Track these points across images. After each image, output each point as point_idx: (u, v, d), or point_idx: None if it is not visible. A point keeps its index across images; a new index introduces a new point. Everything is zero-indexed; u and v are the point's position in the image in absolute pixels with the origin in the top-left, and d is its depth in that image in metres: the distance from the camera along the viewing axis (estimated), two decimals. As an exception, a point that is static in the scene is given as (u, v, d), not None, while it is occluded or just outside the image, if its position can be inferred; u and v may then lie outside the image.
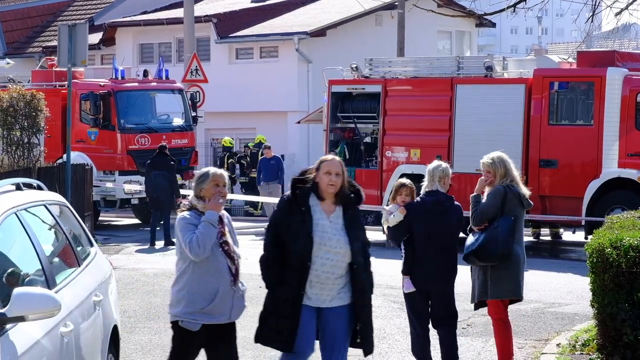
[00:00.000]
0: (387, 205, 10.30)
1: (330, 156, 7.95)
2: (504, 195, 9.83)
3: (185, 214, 7.85)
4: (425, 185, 10.02)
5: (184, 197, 25.55)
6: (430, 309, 9.93)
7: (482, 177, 10.02)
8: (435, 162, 10.05)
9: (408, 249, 9.88)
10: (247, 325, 12.74)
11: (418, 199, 10.00)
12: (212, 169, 7.98)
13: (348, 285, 7.77)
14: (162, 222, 22.36)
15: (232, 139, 31.64)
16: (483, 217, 9.90)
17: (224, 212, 7.97)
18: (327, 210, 7.82)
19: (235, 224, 7.97)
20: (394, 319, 13.03)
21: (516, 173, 10.07)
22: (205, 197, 7.81)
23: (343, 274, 7.75)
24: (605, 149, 19.82)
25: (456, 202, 9.97)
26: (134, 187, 25.14)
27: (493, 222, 9.83)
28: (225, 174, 7.98)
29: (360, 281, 7.77)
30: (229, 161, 30.18)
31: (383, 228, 11.22)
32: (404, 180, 10.32)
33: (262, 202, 27.86)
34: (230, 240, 7.88)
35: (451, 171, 10.09)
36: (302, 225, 7.71)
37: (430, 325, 10.02)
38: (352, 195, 7.90)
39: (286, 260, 7.75)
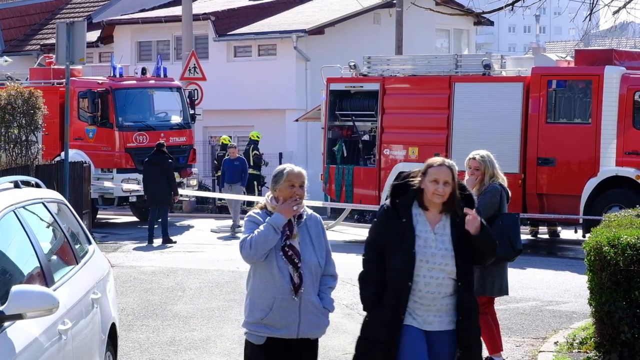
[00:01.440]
0: None
1: (438, 159, 6.90)
2: (501, 194, 9.98)
3: (254, 211, 7.09)
4: None
5: (182, 195, 25.77)
6: None
7: (471, 176, 10.07)
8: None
9: None
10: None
11: None
12: (289, 167, 7.07)
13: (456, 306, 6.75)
14: (160, 220, 22.37)
15: (230, 136, 31.64)
16: (482, 216, 9.96)
17: (312, 214, 7.14)
18: (431, 220, 6.78)
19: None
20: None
21: (501, 172, 10.22)
22: (280, 198, 6.98)
23: (452, 293, 6.71)
24: (603, 147, 19.84)
25: None
26: (131, 186, 25.12)
27: (494, 221, 9.90)
28: (304, 172, 7.07)
29: (465, 301, 6.71)
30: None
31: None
32: None
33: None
34: (297, 245, 6.95)
35: (457, 168, 10.11)
36: (402, 239, 6.70)
37: None
38: (462, 201, 6.89)
39: (385, 278, 6.75)
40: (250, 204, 29.56)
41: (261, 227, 6.87)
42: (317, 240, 7.06)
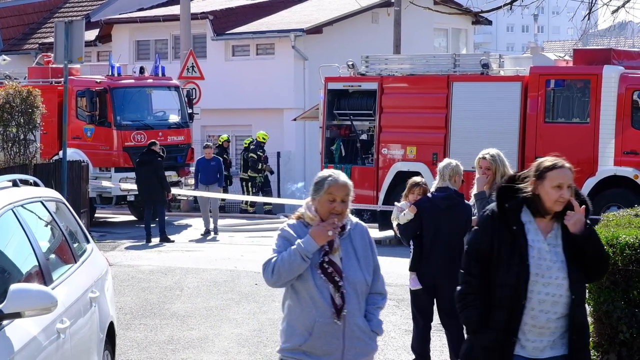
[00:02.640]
0: (399, 202, 10.28)
1: (557, 161, 6.09)
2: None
3: (289, 222, 6.16)
4: (436, 183, 10.05)
5: (179, 195, 25.73)
6: (437, 304, 9.99)
7: (482, 175, 9.88)
8: (446, 160, 10.09)
9: (416, 244, 9.92)
10: (242, 322, 12.78)
11: (429, 194, 10.04)
12: (332, 176, 6.06)
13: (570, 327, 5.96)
14: (157, 219, 22.35)
15: (229, 136, 31.64)
16: None
17: (358, 224, 6.23)
18: (543, 228, 5.95)
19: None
20: (390, 316, 13.03)
21: (512, 170, 10.13)
22: (318, 211, 6.04)
23: (566, 313, 5.90)
24: (601, 146, 19.85)
25: (466, 201, 9.97)
26: (129, 185, 25.11)
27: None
28: (350, 183, 6.08)
29: (578, 317, 5.94)
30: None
31: (392, 225, 11.21)
32: (417, 178, 10.35)
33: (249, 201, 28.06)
34: (339, 260, 6.05)
35: (462, 169, 10.09)
36: (513, 249, 5.86)
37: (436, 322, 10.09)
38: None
39: (492, 295, 5.91)
40: (249, 204, 29.62)
41: (288, 252, 5.96)
42: (362, 254, 6.15)
